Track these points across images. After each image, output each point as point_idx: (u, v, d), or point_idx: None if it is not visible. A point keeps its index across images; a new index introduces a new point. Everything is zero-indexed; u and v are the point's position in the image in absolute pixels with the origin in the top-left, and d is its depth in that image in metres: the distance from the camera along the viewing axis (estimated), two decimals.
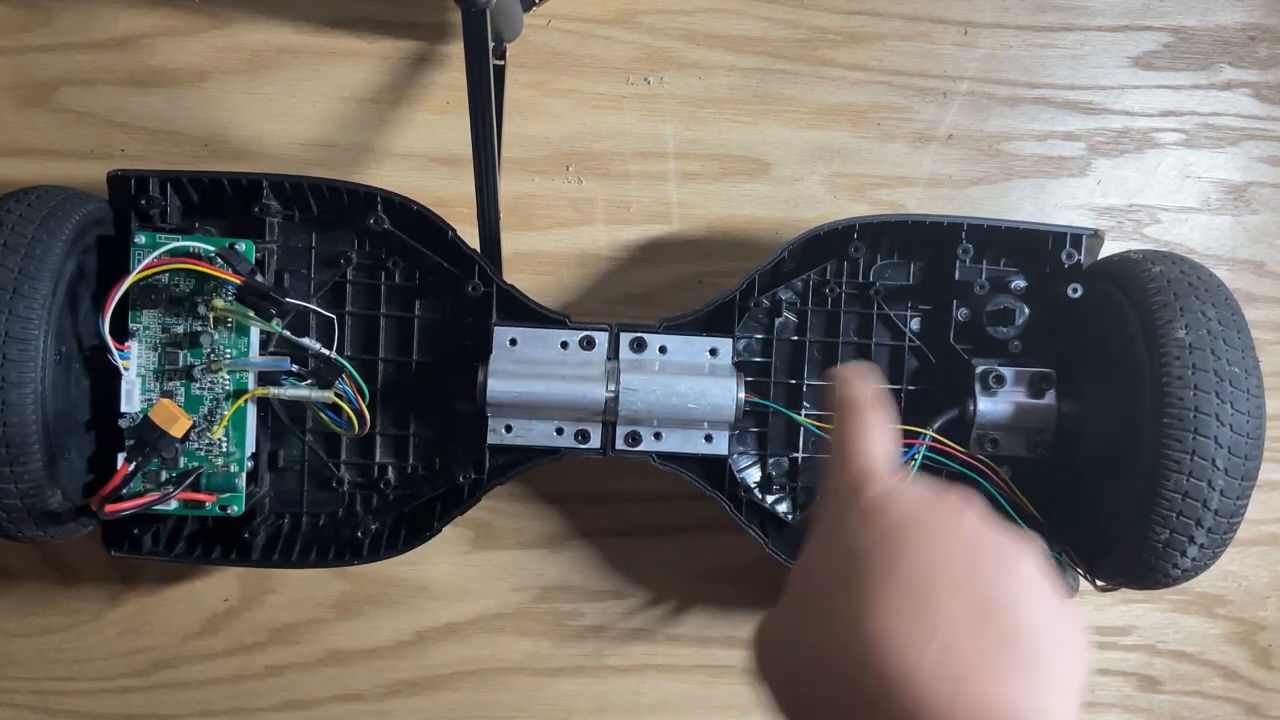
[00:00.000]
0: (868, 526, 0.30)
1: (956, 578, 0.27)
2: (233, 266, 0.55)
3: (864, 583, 0.28)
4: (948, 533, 0.29)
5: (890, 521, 0.29)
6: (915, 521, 0.29)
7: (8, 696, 0.67)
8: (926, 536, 0.29)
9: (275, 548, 0.60)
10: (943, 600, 0.27)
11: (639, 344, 0.60)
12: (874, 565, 0.28)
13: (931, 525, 0.29)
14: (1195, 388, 0.51)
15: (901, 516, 0.30)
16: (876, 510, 0.30)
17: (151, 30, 0.66)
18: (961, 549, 0.28)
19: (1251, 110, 0.71)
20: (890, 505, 0.30)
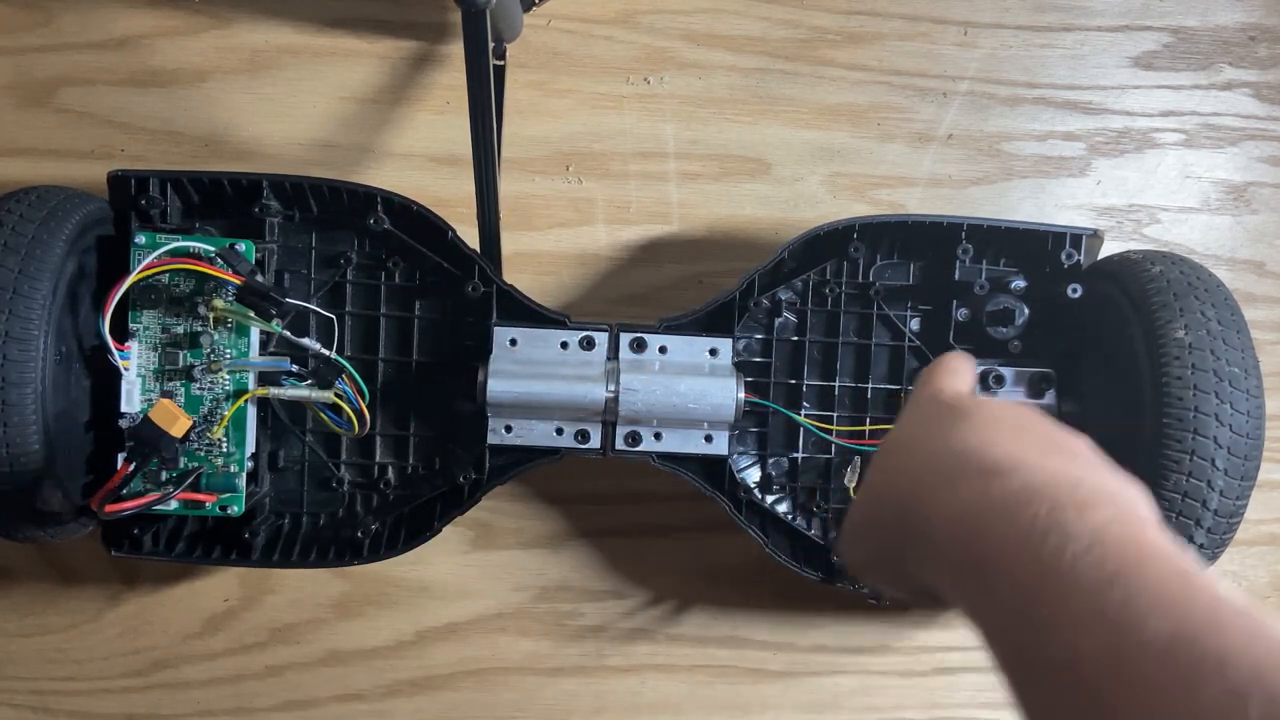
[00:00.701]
0: (945, 403, 0.38)
1: (1017, 424, 0.34)
2: (233, 266, 0.55)
3: (945, 425, 0.35)
4: (1010, 407, 0.36)
5: (963, 400, 0.38)
6: (984, 400, 0.38)
7: (8, 696, 0.67)
8: (994, 405, 0.36)
9: (275, 548, 0.60)
10: (1007, 429, 0.34)
11: (639, 344, 0.60)
12: (952, 416, 0.35)
13: (996, 403, 0.37)
14: (1195, 388, 0.51)
15: (973, 399, 0.38)
16: (952, 397, 0.38)
17: (151, 30, 0.66)
18: (1022, 414, 0.36)
19: (1251, 110, 0.71)
20: (962, 396, 0.39)
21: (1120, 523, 0.27)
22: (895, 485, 0.35)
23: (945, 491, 0.32)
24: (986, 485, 0.30)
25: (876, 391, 0.63)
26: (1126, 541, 0.26)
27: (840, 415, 0.63)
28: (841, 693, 0.69)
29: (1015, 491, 0.29)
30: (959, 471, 0.32)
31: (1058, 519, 0.27)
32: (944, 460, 0.33)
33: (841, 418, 0.63)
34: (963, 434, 0.34)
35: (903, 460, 0.35)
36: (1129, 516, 0.28)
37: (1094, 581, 0.25)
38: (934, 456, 0.34)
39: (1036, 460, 0.31)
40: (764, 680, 0.69)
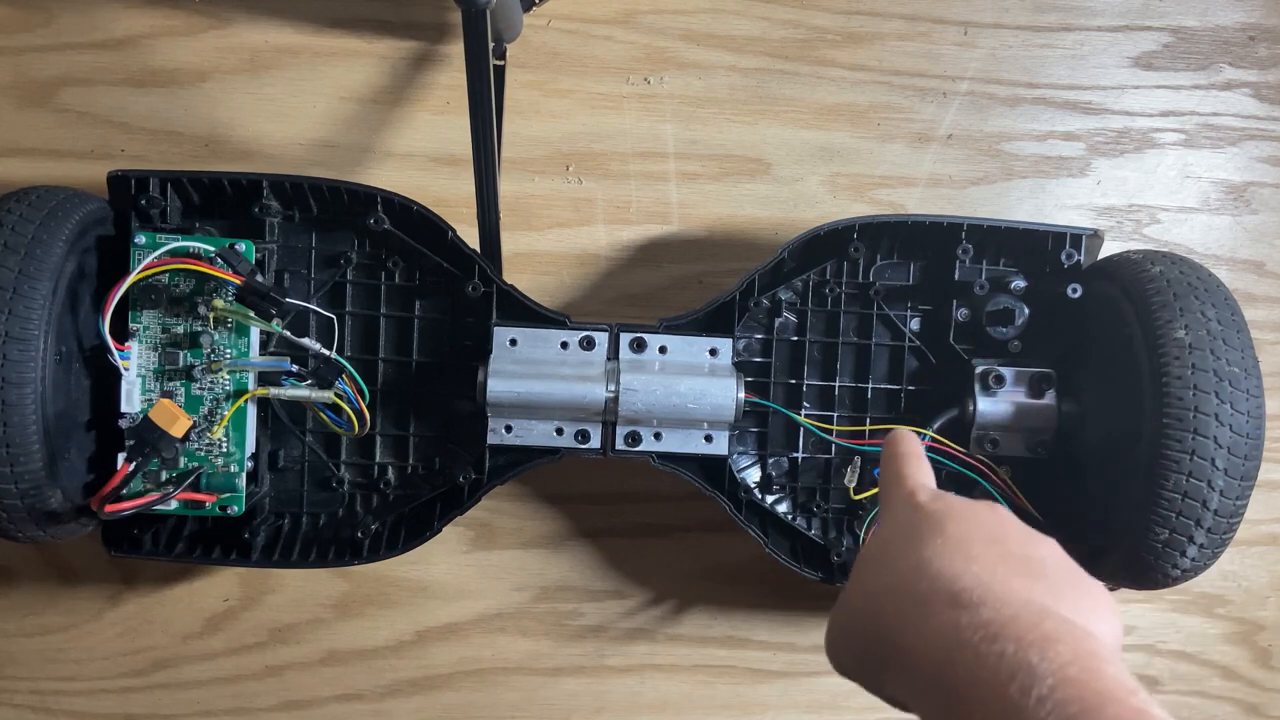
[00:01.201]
0: (921, 510, 0.39)
1: (988, 536, 0.36)
2: (233, 266, 0.55)
3: (920, 539, 0.36)
4: (983, 512, 0.38)
5: (937, 507, 0.38)
6: (957, 506, 0.38)
7: (8, 696, 0.67)
8: (967, 513, 0.38)
9: (275, 548, 0.60)
10: (978, 546, 0.35)
11: (639, 344, 0.60)
12: (927, 529, 0.37)
13: (969, 508, 0.38)
14: (1195, 388, 0.51)
15: (946, 504, 0.39)
16: (927, 502, 0.39)
17: (151, 30, 0.66)
18: (993, 522, 0.37)
19: (1251, 110, 0.71)
20: (937, 499, 0.40)
21: (1080, 663, 0.28)
22: (871, 601, 0.36)
23: (917, 619, 0.33)
24: (956, 617, 0.32)
25: (876, 391, 0.63)
26: (1086, 684, 0.28)
27: (840, 415, 0.63)
28: (841, 693, 0.69)
29: (983, 625, 0.31)
30: (931, 598, 0.33)
31: (1023, 659, 0.29)
32: (917, 584, 0.34)
33: (841, 418, 0.63)
34: (935, 554, 0.35)
35: (879, 577, 0.37)
36: (1088, 654, 0.29)
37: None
38: (907, 577, 0.35)
39: (1004, 588, 0.33)
40: (764, 680, 0.69)
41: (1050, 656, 0.28)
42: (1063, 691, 0.27)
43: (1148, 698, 0.28)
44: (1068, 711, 0.27)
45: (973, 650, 0.30)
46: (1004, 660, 0.29)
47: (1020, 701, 0.28)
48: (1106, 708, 0.27)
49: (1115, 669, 0.29)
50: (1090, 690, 0.27)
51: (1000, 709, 0.28)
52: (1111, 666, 0.29)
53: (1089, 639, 0.30)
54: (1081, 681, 0.28)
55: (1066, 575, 0.36)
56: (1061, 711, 0.27)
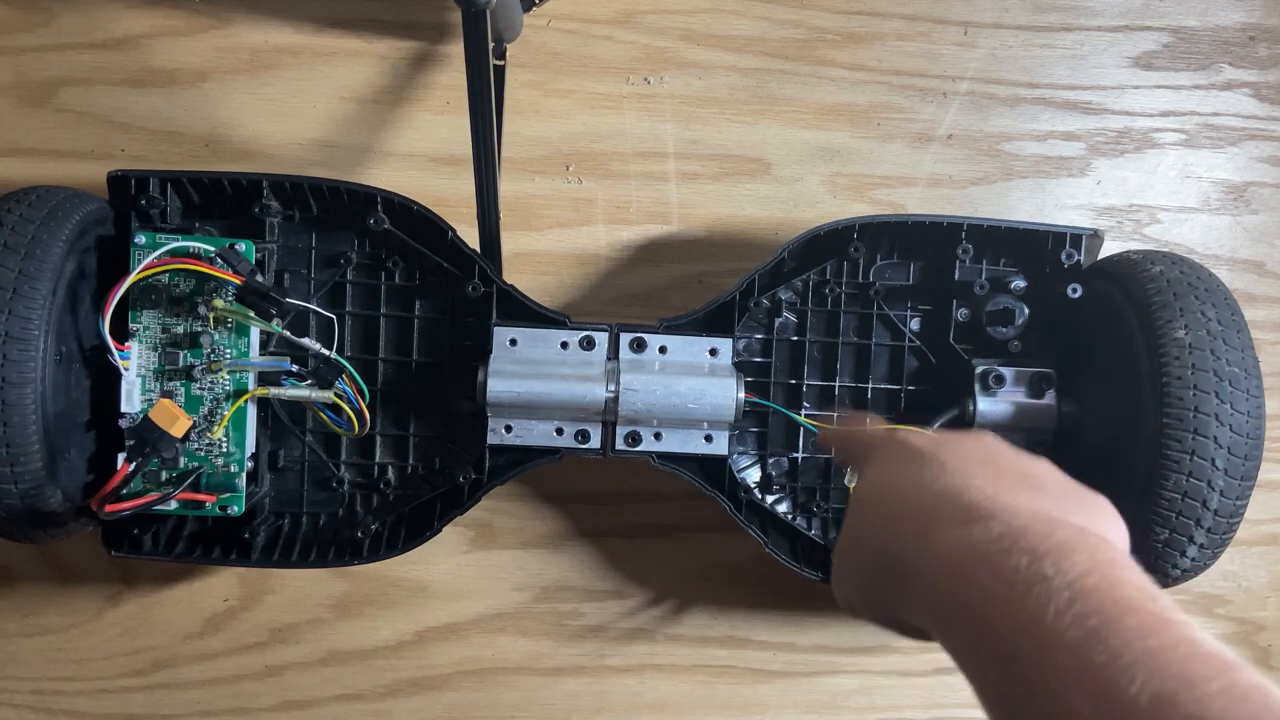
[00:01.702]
0: (910, 444, 0.38)
1: (983, 458, 0.36)
2: (233, 266, 0.55)
3: (917, 466, 0.36)
4: (970, 439, 0.38)
5: (925, 439, 0.38)
6: (945, 436, 0.38)
7: (8, 696, 0.67)
8: (956, 440, 0.38)
9: (275, 548, 0.60)
10: (975, 466, 0.35)
11: (639, 344, 0.60)
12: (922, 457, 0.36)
13: (957, 436, 0.38)
14: (1195, 388, 0.51)
15: (932, 436, 0.39)
16: (912, 437, 0.39)
17: (151, 30, 0.66)
18: (984, 446, 0.37)
19: (1251, 110, 0.71)
20: (919, 434, 0.39)
21: (1097, 572, 0.28)
22: (873, 530, 0.36)
23: (925, 536, 0.32)
24: (967, 531, 0.31)
25: (876, 391, 0.63)
26: (1105, 592, 0.27)
27: (840, 415, 0.63)
28: (841, 693, 0.69)
29: (996, 539, 0.30)
30: (937, 515, 0.33)
31: (1038, 571, 0.28)
32: (922, 503, 0.34)
33: (841, 418, 0.63)
34: (936, 475, 0.35)
35: (879, 505, 0.36)
36: (1106, 562, 0.28)
37: (1076, 640, 0.26)
38: (910, 499, 0.34)
39: (1011, 500, 0.32)
40: (764, 680, 0.69)
41: (1066, 568, 0.28)
42: (1081, 603, 0.26)
43: (1169, 603, 0.27)
44: (1087, 624, 0.26)
45: (987, 565, 0.29)
46: (1020, 574, 0.28)
47: (1038, 615, 0.27)
48: (1127, 617, 0.26)
49: (1133, 575, 0.28)
50: (1109, 599, 0.26)
51: (1019, 624, 0.27)
52: (1129, 573, 0.28)
53: (1105, 546, 0.29)
54: (1100, 591, 0.27)
55: (1066, 488, 0.35)
56: (1081, 624, 0.26)
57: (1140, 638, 0.25)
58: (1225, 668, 0.24)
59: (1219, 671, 0.24)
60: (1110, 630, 0.26)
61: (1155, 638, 0.25)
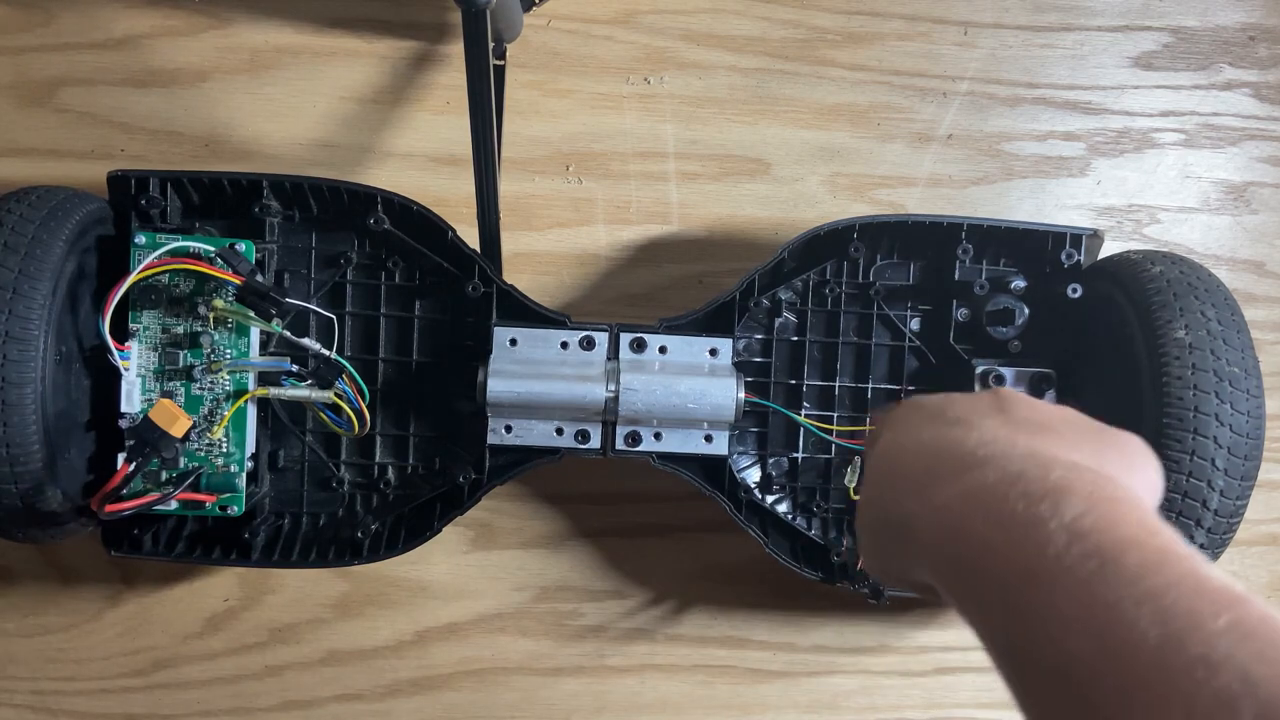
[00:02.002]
0: (923, 403, 0.38)
1: (992, 407, 0.35)
2: (233, 266, 0.55)
3: (925, 421, 0.36)
4: (985, 394, 0.37)
5: (937, 397, 0.38)
6: (957, 394, 0.38)
7: (8, 696, 0.67)
8: (969, 396, 0.38)
9: (275, 548, 0.60)
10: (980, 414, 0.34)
11: (639, 344, 0.60)
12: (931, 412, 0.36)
13: (972, 394, 0.38)
14: (1195, 388, 0.51)
15: (946, 395, 0.38)
16: (926, 398, 0.39)
17: (151, 30, 0.66)
18: (997, 397, 0.36)
19: (1251, 110, 0.71)
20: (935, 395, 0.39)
21: (1095, 511, 0.27)
22: (879, 494, 0.35)
23: (923, 492, 0.32)
24: (963, 481, 0.30)
25: (876, 391, 0.63)
26: (1104, 531, 0.26)
27: (840, 415, 0.63)
28: (841, 693, 0.69)
29: (991, 486, 0.29)
30: (936, 468, 0.32)
31: (1034, 512, 0.27)
32: (920, 460, 0.33)
33: (841, 418, 0.63)
34: (939, 428, 0.34)
35: (884, 469, 0.36)
36: (1106, 500, 0.27)
37: (1077, 581, 0.25)
38: (910, 459, 0.34)
39: (1008, 444, 0.31)
40: (764, 680, 0.69)
41: (1062, 509, 0.27)
42: (1079, 545, 0.26)
43: (1172, 536, 0.26)
44: (1086, 567, 0.25)
45: (983, 513, 0.29)
46: (1016, 519, 0.28)
47: (1037, 560, 0.26)
48: (1127, 554, 0.25)
49: (1133, 511, 0.27)
50: (1108, 539, 0.26)
51: (1018, 571, 0.27)
52: (1129, 509, 0.27)
53: (1105, 483, 0.29)
54: (1099, 530, 0.26)
55: (1084, 429, 0.34)
56: (1080, 567, 0.25)
57: (1142, 576, 0.25)
58: (1232, 602, 0.24)
59: (1226, 606, 0.23)
60: (1111, 571, 0.25)
61: (1158, 574, 0.24)
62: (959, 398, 0.37)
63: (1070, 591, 0.25)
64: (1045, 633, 0.25)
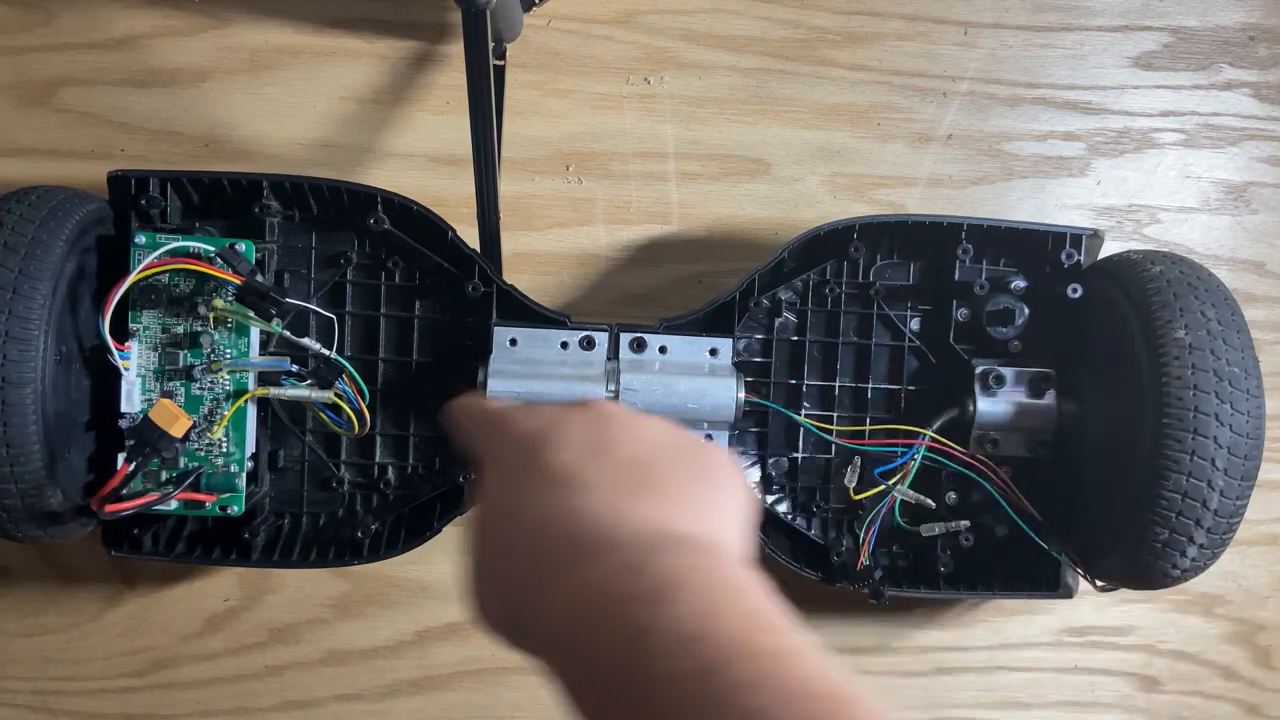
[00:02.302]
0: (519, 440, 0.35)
1: (594, 447, 0.33)
2: (233, 266, 0.55)
3: (529, 478, 0.33)
4: (576, 424, 0.35)
5: (533, 429, 0.35)
6: (550, 423, 0.35)
7: (8, 696, 0.67)
8: (564, 428, 0.34)
9: (275, 548, 0.60)
10: (587, 468, 0.32)
11: (639, 344, 0.60)
12: (532, 464, 0.33)
13: (565, 420, 0.35)
14: (1195, 388, 0.51)
15: (540, 425, 0.35)
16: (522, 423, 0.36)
17: (151, 30, 0.66)
18: (593, 428, 0.34)
19: (1251, 110, 0.71)
20: (531, 418, 0.36)
21: (703, 609, 0.26)
22: (493, 568, 0.33)
23: (536, 594, 0.30)
24: (571, 581, 0.29)
25: (876, 391, 0.63)
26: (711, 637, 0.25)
27: (840, 415, 0.63)
28: None
29: (599, 585, 0.28)
30: (545, 562, 0.30)
31: (640, 621, 0.26)
32: (529, 547, 0.31)
33: (841, 418, 0.63)
34: (541, 491, 0.32)
35: (493, 534, 0.33)
36: (710, 588, 0.27)
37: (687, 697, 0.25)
38: (520, 543, 0.32)
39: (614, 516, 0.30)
40: None
41: (667, 613, 0.26)
42: (687, 657, 0.25)
43: (782, 624, 0.26)
44: (695, 684, 0.24)
45: (590, 626, 0.27)
46: (622, 631, 0.26)
47: (645, 679, 0.25)
48: (733, 666, 0.24)
49: (743, 599, 0.27)
50: (716, 647, 0.25)
51: (627, 687, 0.26)
52: (738, 596, 0.27)
53: (710, 564, 0.28)
54: (706, 636, 0.25)
55: (683, 463, 0.33)
56: (689, 684, 0.24)
57: (749, 689, 0.24)
58: (836, 709, 0.24)
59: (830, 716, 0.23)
60: (718, 686, 0.24)
61: (763, 690, 0.24)
62: (557, 425, 0.34)
63: (679, 709, 0.24)
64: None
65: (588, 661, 0.28)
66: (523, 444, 0.34)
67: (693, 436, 0.35)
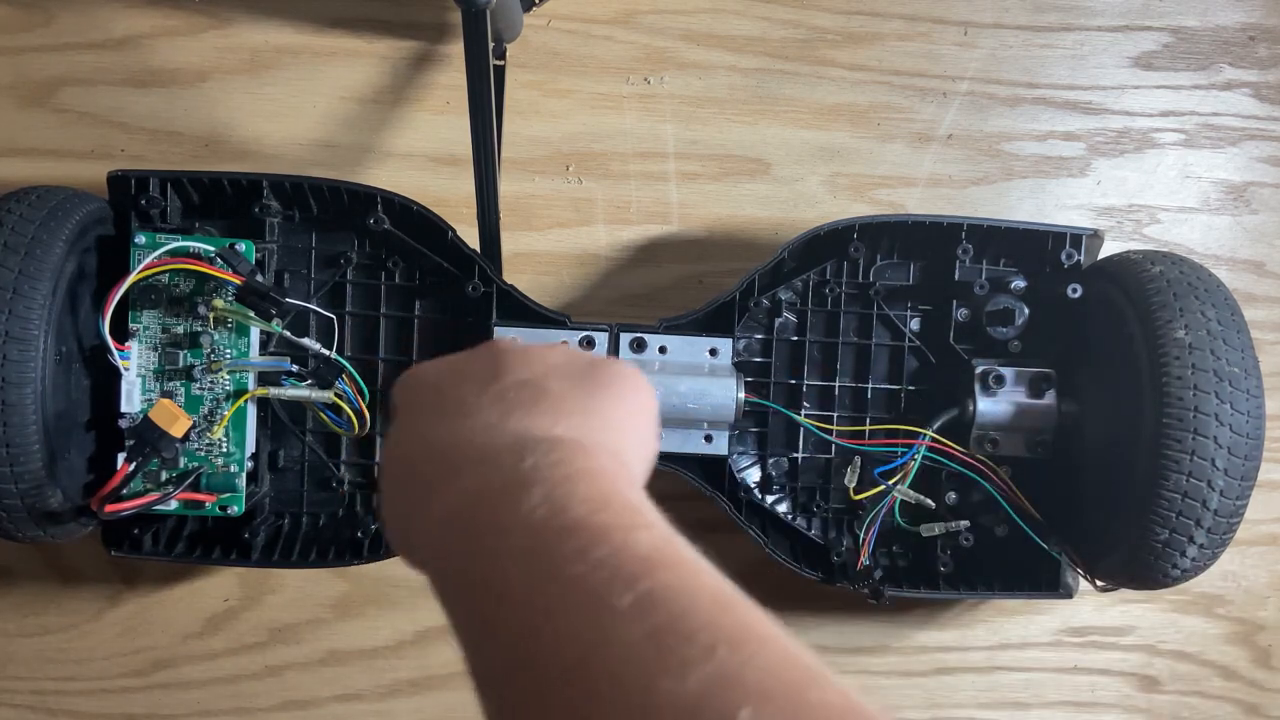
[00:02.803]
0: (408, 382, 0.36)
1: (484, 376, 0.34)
2: (233, 266, 0.55)
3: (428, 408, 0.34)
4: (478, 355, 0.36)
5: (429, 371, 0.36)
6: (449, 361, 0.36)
7: (8, 696, 0.67)
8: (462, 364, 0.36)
9: (275, 548, 0.60)
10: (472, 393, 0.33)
11: (639, 344, 0.60)
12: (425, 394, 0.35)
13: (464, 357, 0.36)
14: (1195, 388, 0.51)
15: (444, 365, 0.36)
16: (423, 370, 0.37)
17: (151, 30, 0.66)
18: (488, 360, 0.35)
19: (1251, 110, 0.71)
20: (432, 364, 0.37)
21: (551, 496, 0.27)
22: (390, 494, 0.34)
23: (420, 505, 0.31)
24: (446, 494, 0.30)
25: (876, 391, 0.63)
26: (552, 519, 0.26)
27: (840, 415, 0.63)
28: None
29: (471, 493, 0.29)
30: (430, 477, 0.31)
31: (498, 518, 0.27)
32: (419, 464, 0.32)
33: (841, 418, 0.63)
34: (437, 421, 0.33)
35: (393, 467, 0.34)
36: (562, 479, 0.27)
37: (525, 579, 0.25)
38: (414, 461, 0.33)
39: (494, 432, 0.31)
40: None
41: (522, 505, 0.26)
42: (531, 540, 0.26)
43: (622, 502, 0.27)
44: (530, 564, 0.25)
45: (458, 531, 0.28)
46: (483, 529, 0.27)
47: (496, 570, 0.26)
48: (565, 541, 0.25)
49: (590, 485, 0.28)
50: (553, 527, 0.26)
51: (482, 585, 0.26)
52: (586, 484, 0.28)
53: (571, 457, 0.29)
54: (550, 518, 0.26)
55: (575, 376, 0.34)
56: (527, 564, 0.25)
57: (572, 561, 0.24)
58: (648, 572, 0.24)
59: (641, 576, 0.24)
60: (546, 563, 0.25)
61: (584, 559, 0.24)
62: (458, 368, 0.35)
63: (521, 589, 0.25)
64: (502, 639, 0.25)
65: (452, 571, 0.28)
66: (424, 386, 0.36)
67: (592, 355, 0.35)
